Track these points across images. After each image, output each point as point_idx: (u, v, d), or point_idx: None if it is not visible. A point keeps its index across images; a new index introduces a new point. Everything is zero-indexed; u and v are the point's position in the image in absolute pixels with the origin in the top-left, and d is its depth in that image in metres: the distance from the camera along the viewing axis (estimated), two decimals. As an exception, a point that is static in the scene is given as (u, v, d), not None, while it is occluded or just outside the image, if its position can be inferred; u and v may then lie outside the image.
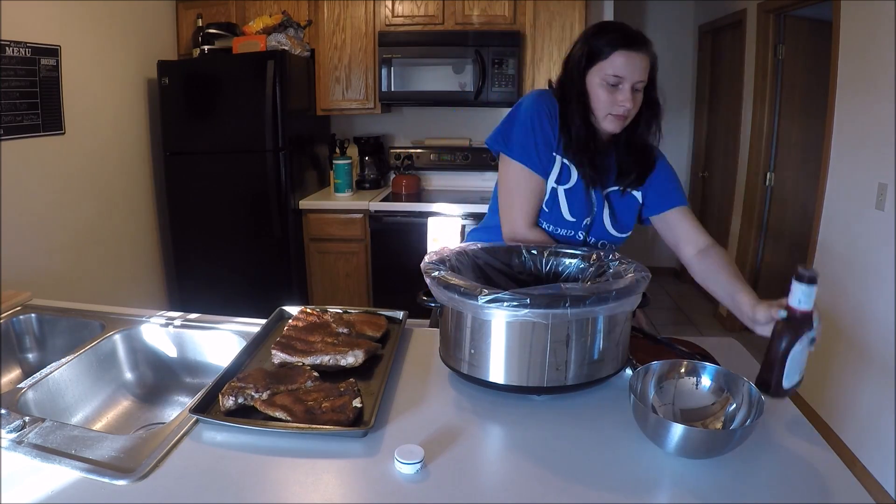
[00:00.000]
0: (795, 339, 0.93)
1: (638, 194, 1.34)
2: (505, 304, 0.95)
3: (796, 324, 0.93)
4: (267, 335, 1.30)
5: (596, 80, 1.21)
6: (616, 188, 1.33)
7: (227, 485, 0.83)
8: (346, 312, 1.37)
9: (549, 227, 1.34)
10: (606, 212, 1.33)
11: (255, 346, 1.24)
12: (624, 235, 1.36)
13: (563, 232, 1.33)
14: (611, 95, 1.20)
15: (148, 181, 3.26)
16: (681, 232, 1.32)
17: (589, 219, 1.32)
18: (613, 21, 1.23)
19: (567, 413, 1.01)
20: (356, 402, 0.97)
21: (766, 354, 0.96)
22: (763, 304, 1.03)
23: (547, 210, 1.32)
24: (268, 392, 1.00)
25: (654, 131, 1.30)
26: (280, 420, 0.95)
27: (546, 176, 1.30)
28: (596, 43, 1.20)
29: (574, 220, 1.31)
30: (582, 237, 1.34)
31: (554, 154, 1.29)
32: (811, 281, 0.91)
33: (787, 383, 0.95)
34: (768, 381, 0.95)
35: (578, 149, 1.26)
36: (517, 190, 1.31)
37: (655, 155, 1.34)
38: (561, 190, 1.29)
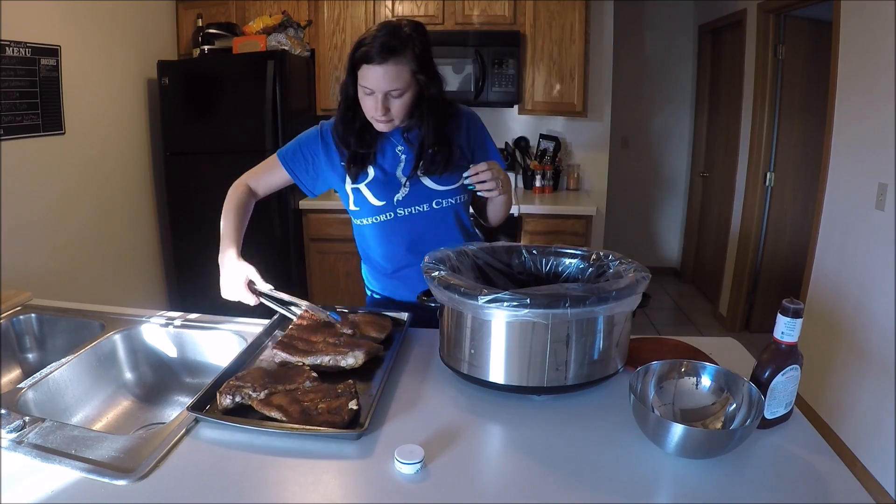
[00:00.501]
0: (778, 371, 0.94)
1: (459, 150, 1.42)
2: (505, 304, 0.95)
3: (781, 356, 0.94)
4: (269, 334, 1.30)
5: (359, 87, 1.28)
6: (430, 161, 1.38)
7: (226, 485, 0.83)
8: (352, 311, 1.37)
9: (366, 220, 1.43)
10: (426, 177, 1.39)
11: (256, 345, 1.24)
12: (452, 187, 1.41)
13: (381, 218, 1.41)
14: (368, 103, 1.28)
15: (148, 181, 3.26)
16: None
17: (399, 194, 1.40)
18: (382, 24, 1.26)
19: (567, 413, 1.01)
20: (352, 404, 0.97)
21: None
22: None
23: (358, 208, 1.43)
24: (265, 391, 1.00)
25: (434, 128, 1.34)
26: (276, 420, 0.95)
27: (296, 178, 1.47)
28: (351, 58, 1.26)
29: (383, 202, 1.40)
30: (403, 213, 1.40)
31: (342, 163, 1.41)
32: (795, 314, 0.91)
33: (769, 414, 0.95)
34: None
35: (345, 144, 1.37)
36: (265, 164, 1.56)
37: (451, 140, 1.39)
38: (363, 186, 1.40)
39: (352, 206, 1.45)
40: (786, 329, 0.92)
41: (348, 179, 1.41)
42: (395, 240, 1.43)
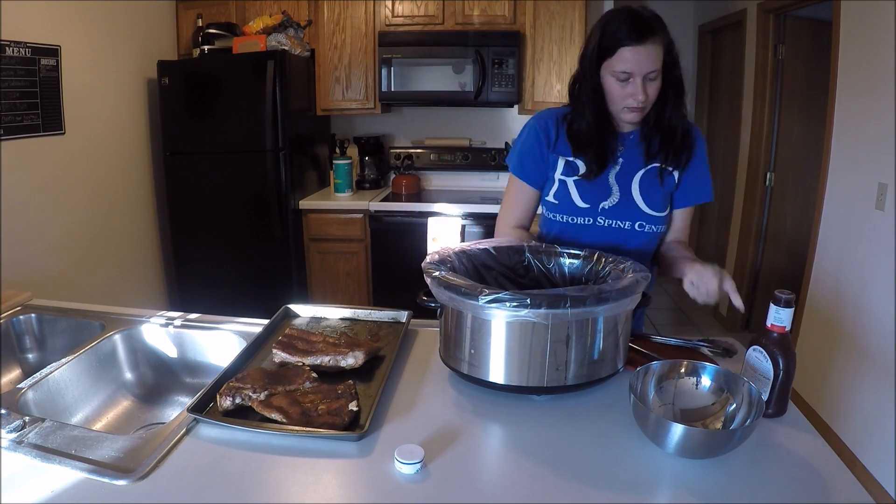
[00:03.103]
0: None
1: (676, 175, 1.34)
2: (505, 304, 0.95)
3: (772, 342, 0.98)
4: (270, 334, 1.30)
5: (608, 75, 1.23)
6: (648, 167, 1.33)
7: (227, 484, 0.83)
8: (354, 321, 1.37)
9: (563, 217, 1.36)
10: (637, 191, 1.33)
11: (257, 345, 1.24)
12: (660, 214, 1.34)
13: (579, 220, 1.35)
14: (623, 89, 1.22)
15: (148, 181, 3.26)
16: (678, 222, 1.41)
17: (607, 202, 1.33)
18: (622, 9, 1.21)
19: (567, 413, 1.01)
20: (352, 405, 0.97)
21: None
22: (697, 263, 1.16)
23: (557, 202, 1.36)
24: (265, 393, 1.00)
25: (680, 111, 1.29)
26: (276, 422, 0.95)
27: (539, 184, 1.40)
28: (603, 39, 1.21)
29: (587, 206, 1.34)
30: (604, 223, 1.34)
31: (555, 156, 1.35)
32: (787, 304, 0.96)
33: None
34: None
35: (585, 143, 1.31)
36: (507, 196, 1.47)
37: (691, 135, 1.33)
38: (570, 181, 1.34)
39: (551, 198, 1.37)
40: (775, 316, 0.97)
41: (559, 168, 1.34)
42: (591, 244, 1.31)
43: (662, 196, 1.34)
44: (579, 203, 1.34)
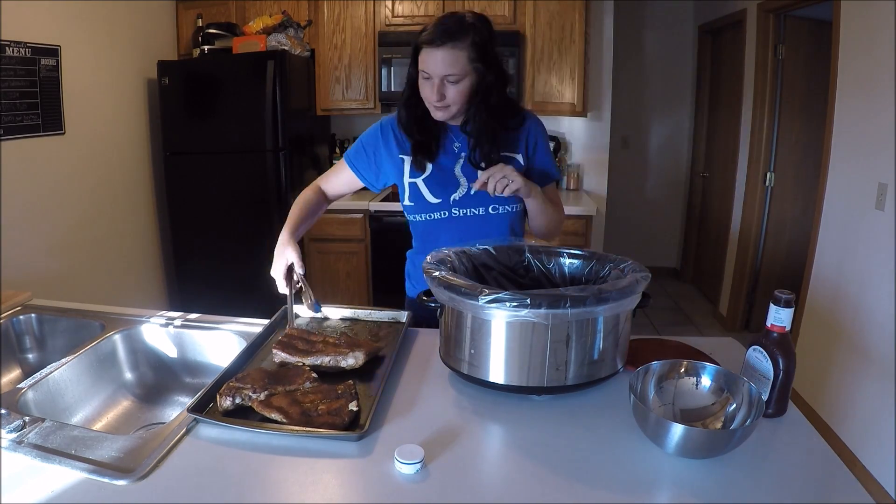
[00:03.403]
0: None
1: (519, 157, 1.40)
2: (505, 304, 0.95)
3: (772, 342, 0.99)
4: (270, 334, 1.30)
5: (419, 74, 1.30)
6: (484, 158, 1.36)
7: (227, 484, 0.83)
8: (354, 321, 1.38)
9: (420, 216, 1.43)
10: None
11: (257, 345, 1.24)
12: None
13: (435, 215, 1.41)
14: (424, 88, 1.29)
15: (148, 181, 3.26)
16: None
17: (456, 193, 1.39)
18: (447, 13, 1.30)
19: (567, 413, 1.01)
20: (352, 406, 0.97)
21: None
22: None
23: (413, 203, 1.42)
24: (265, 393, 1.00)
25: (494, 111, 1.32)
26: (276, 422, 0.95)
27: (365, 177, 1.49)
28: (414, 43, 1.29)
29: (439, 200, 1.39)
30: (459, 213, 1.39)
31: (400, 156, 1.42)
32: (787, 304, 0.96)
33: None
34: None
35: (408, 133, 1.38)
36: (333, 168, 1.58)
37: (518, 128, 1.39)
38: (419, 181, 1.40)
39: (406, 201, 1.43)
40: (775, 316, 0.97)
41: (406, 172, 1.40)
42: (446, 239, 1.39)
43: None
44: (431, 199, 1.40)
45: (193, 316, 1.42)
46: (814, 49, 3.31)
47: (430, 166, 1.39)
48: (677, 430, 0.83)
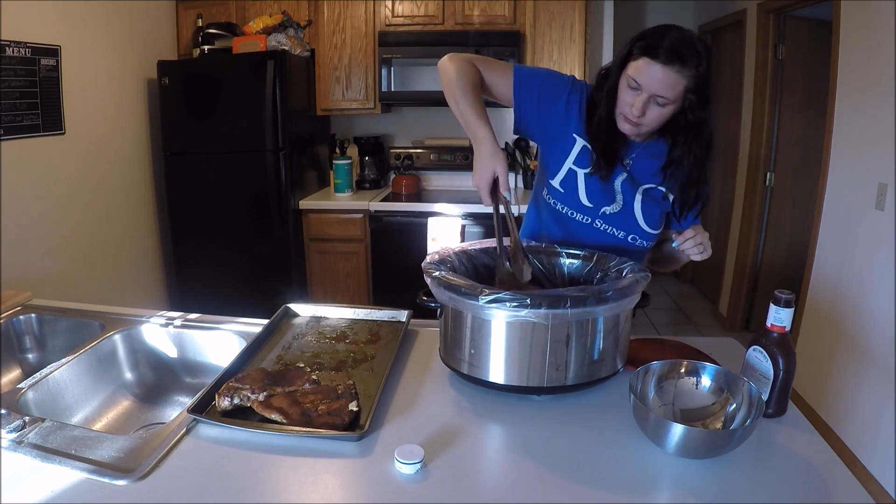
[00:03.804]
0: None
1: (671, 197, 1.32)
2: (505, 304, 0.95)
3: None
4: (270, 334, 1.30)
5: (623, 77, 1.20)
6: (649, 187, 1.31)
7: (227, 484, 0.83)
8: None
9: (563, 209, 1.33)
10: (639, 206, 1.31)
11: (257, 345, 1.24)
12: (654, 232, 1.33)
13: (579, 217, 1.32)
14: (628, 97, 1.19)
15: (148, 181, 3.26)
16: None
17: (609, 208, 1.31)
18: (676, 27, 1.16)
19: (567, 413, 1.01)
20: (352, 406, 0.98)
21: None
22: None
23: (563, 190, 1.32)
24: (265, 393, 1.00)
25: (702, 169, 1.25)
26: (276, 422, 0.95)
27: (526, 115, 1.32)
28: (636, 43, 1.18)
29: (591, 205, 1.31)
30: (600, 226, 1.32)
31: (574, 135, 1.30)
32: (787, 304, 0.96)
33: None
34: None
35: (595, 135, 1.27)
36: (491, 62, 1.33)
37: (700, 189, 1.29)
38: (580, 173, 1.29)
39: (556, 184, 1.32)
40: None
41: (573, 155, 1.29)
42: (580, 242, 1.31)
43: (659, 214, 1.33)
44: (584, 201, 1.31)
45: (193, 316, 1.42)
46: (814, 49, 3.31)
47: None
48: (677, 430, 0.83)
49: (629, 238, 1.32)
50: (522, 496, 0.81)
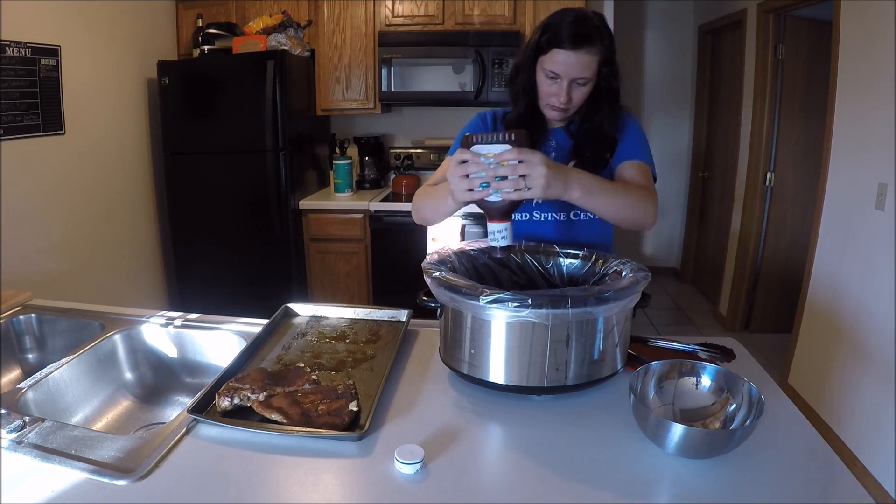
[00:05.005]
0: None
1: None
2: (506, 304, 0.95)
3: None
4: (270, 334, 1.30)
5: (540, 70, 1.26)
6: (575, 162, 1.32)
7: (227, 484, 0.83)
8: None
9: (525, 216, 1.37)
10: None
11: (257, 345, 1.24)
12: None
13: (515, 216, 1.30)
14: (550, 87, 1.25)
15: (148, 181, 3.26)
16: (624, 177, 1.34)
17: None
18: (571, 10, 1.23)
19: (567, 413, 1.01)
20: (352, 406, 0.98)
21: None
22: None
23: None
24: (265, 393, 1.00)
25: (613, 119, 1.31)
26: (276, 423, 0.95)
27: None
28: (542, 36, 1.23)
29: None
30: (540, 217, 1.36)
31: None
32: None
33: None
34: None
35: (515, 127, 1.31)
36: (437, 171, 1.43)
37: (615, 138, 1.33)
38: None
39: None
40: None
41: None
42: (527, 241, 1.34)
43: None
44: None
45: (193, 316, 1.42)
46: (814, 49, 3.31)
47: None
48: (677, 430, 0.83)
49: (571, 215, 1.36)
50: (522, 496, 0.81)
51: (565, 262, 1.26)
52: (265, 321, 1.35)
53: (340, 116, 3.67)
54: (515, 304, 0.94)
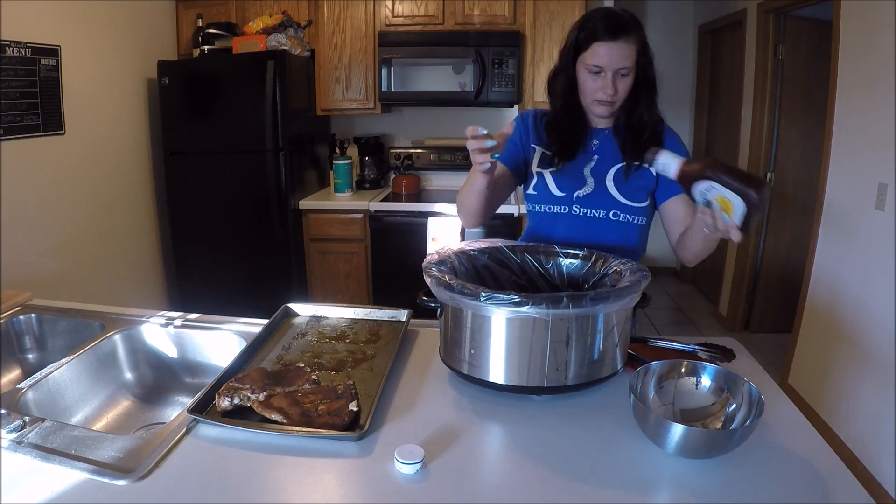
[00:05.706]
0: None
1: (652, 171, 1.34)
2: (505, 304, 0.95)
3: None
4: (270, 334, 1.30)
5: (581, 68, 1.29)
6: (622, 164, 1.35)
7: (227, 485, 0.83)
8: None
9: (540, 207, 1.40)
10: (612, 182, 1.35)
11: (257, 345, 1.24)
12: (636, 205, 1.35)
13: (555, 209, 1.38)
14: (594, 83, 1.28)
15: (148, 181, 3.26)
16: (675, 217, 1.39)
17: (581, 191, 1.36)
18: (600, 9, 1.30)
19: (567, 413, 1.01)
20: (352, 406, 0.98)
21: None
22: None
23: (535, 193, 1.40)
24: (265, 393, 1.00)
25: (652, 109, 1.35)
26: (276, 423, 0.95)
27: (511, 164, 1.42)
28: (580, 34, 1.28)
29: (562, 194, 1.37)
30: (579, 211, 1.36)
31: (532, 146, 1.42)
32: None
33: None
34: None
35: (556, 132, 1.37)
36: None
37: (661, 133, 1.37)
38: (546, 172, 1.39)
39: (530, 190, 1.41)
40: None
41: (535, 161, 1.40)
42: (562, 236, 1.37)
43: (637, 188, 1.35)
44: (555, 192, 1.38)
45: (193, 316, 1.42)
46: (814, 49, 3.31)
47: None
48: (677, 430, 0.83)
49: (611, 215, 1.36)
50: (522, 496, 0.81)
51: (565, 262, 1.26)
52: (265, 321, 1.35)
53: (340, 116, 3.67)
54: (514, 304, 0.94)
